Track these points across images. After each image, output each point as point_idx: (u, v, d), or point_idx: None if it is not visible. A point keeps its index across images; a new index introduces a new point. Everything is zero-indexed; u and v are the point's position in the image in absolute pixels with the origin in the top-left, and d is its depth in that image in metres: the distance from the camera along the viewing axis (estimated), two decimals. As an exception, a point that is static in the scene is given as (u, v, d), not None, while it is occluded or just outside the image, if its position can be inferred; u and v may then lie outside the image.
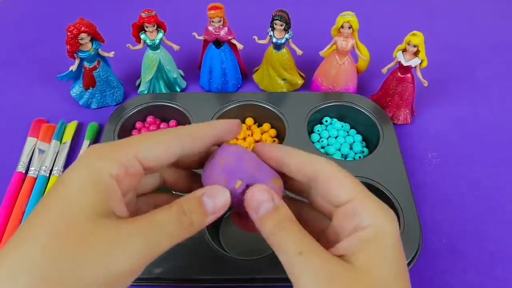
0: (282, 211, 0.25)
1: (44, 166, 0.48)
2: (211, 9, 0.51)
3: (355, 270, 0.22)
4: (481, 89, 0.60)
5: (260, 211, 0.24)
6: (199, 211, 0.24)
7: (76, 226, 0.20)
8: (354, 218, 0.24)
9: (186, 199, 0.24)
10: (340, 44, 0.52)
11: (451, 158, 0.51)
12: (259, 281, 0.38)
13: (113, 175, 0.22)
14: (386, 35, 0.64)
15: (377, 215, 0.24)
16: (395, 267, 0.23)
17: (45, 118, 0.54)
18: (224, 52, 0.55)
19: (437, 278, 0.41)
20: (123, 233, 0.21)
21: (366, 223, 0.23)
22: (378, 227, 0.23)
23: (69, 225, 0.20)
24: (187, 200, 0.24)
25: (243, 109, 0.53)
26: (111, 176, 0.22)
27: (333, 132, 0.52)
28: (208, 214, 0.24)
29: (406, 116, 0.54)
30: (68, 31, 0.48)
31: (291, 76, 0.57)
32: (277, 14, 0.50)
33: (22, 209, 0.45)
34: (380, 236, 0.23)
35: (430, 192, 0.48)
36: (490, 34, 0.69)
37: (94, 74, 0.53)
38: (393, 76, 0.52)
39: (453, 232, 0.44)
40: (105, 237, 0.21)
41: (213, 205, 0.24)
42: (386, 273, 0.22)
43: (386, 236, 0.23)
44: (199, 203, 0.24)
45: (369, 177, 0.44)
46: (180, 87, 0.58)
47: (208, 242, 0.39)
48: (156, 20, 0.51)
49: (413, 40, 0.48)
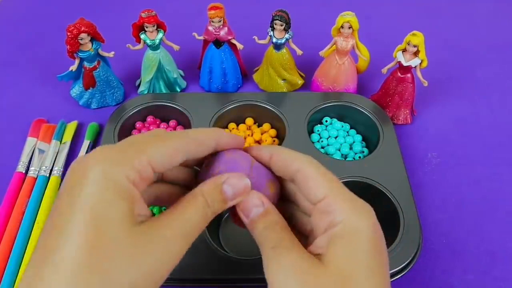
0: (271, 214, 0.25)
1: (44, 166, 0.48)
2: (211, 9, 0.51)
3: (322, 266, 0.23)
4: (481, 89, 0.60)
5: (250, 215, 0.25)
6: (220, 199, 0.25)
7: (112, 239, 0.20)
8: (328, 215, 0.24)
9: (208, 190, 0.25)
10: (340, 44, 0.52)
11: (451, 158, 0.51)
12: (259, 281, 0.37)
13: (131, 180, 0.22)
14: (386, 35, 0.64)
15: (349, 212, 0.24)
16: (366, 262, 0.23)
17: (45, 118, 0.54)
18: (224, 52, 0.55)
19: (437, 278, 0.41)
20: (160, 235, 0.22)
21: (338, 220, 0.24)
22: (349, 223, 0.23)
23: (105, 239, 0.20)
24: (210, 191, 0.25)
25: (243, 109, 0.53)
26: (129, 181, 0.22)
27: (333, 132, 0.52)
28: (227, 201, 0.25)
29: (406, 116, 0.54)
30: (68, 31, 0.48)
31: (291, 76, 0.57)
32: (277, 14, 0.50)
33: (22, 209, 0.45)
34: (350, 232, 0.23)
35: (430, 192, 0.48)
36: (490, 34, 0.69)
37: (94, 74, 0.53)
38: (393, 76, 0.52)
39: (453, 232, 0.44)
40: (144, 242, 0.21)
41: (233, 192, 0.25)
42: (355, 268, 0.22)
43: (356, 231, 0.23)
44: (220, 191, 0.25)
45: (369, 177, 0.44)
46: (180, 87, 0.58)
47: (208, 242, 0.39)
48: (156, 20, 0.51)
49: (413, 40, 0.48)
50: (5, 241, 0.42)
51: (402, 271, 0.39)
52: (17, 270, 0.41)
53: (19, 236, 0.43)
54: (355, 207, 0.24)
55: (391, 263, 0.38)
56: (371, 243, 0.23)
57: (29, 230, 0.43)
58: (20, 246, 0.42)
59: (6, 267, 0.41)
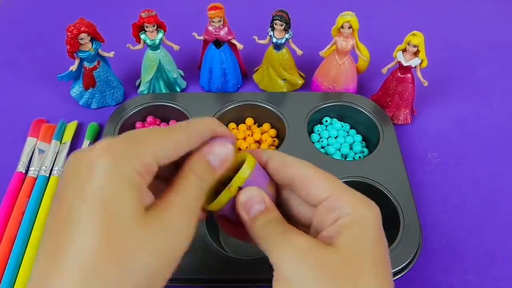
0: (272, 211, 0.25)
1: (44, 166, 0.48)
2: (211, 9, 0.51)
3: (334, 248, 0.23)
4: (481, 89, 0.60)
5: (252, 211, 0.25)
6: (209, 171, 0.25)
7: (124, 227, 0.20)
8: (333, 212, 0.24)
9: (196, 165, 0.25)
10: (340, 44, 0.52)
11: (451, 158, 0.51)
12: (259, 281, 0.38)
13: (138, 173, 0.22)
14: (386, 35, 0.64)
15: (356, 204, 0.24)
16: (373, 249, 0.23)
17: (45, 118, 0.54)
18: (224, 52, 0.55)
19: (437, 278, 0.41)
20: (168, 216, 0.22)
21: (346, 212, 0.24)
22: (357, 214, 0.24)
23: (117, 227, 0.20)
24: (197, 165, 0.25)
25: (243, 109, 0.53)
26: (136, 173, 0.22)
27: (333, 132, 0.52)
28: (216, 171, 0.26)
29: (406, 116, 0.54)
30: (68, 31, 0.48)
31: (291, 76, 0.57)
32: (277, 14, 0.50)
33: (22, 209, 0.45)
34: (359, 221, 0.24)
35: (430, 192, 0.48)
36: (490, 34, 0.69)
37: (94, 74, 0.53)
38: (393, 76, 0.52)
39: (453, 232, 0.44)
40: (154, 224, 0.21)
41: (219, 160, 0.26)
42: (364, 253, 0.23)
43: (364, 220, 0.24)
44: (207, 163, 0.25)
45: (369, 177, 0.44)
46: (180, 87, 0.58)
47: (208, 242, 0.39)
48: (156, 20, 0.51)
49: (413, 40, 0.48)
50: (5, 241, 0.42)
51: (402, 271, 0.39)
52: (17, 270, 0.40)
53: (19, 236, 0.43)
54: (360, 199, 0.25)
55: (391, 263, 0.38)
56: (377, 232, 0.24)
57: (29, 230, 0.43)
58: (20, 246, 0.42)
59: (6, 267, 0.41)
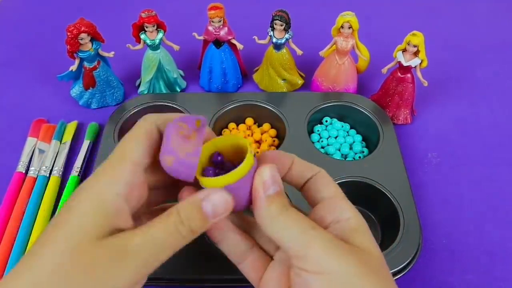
0: (284, 196, 0.25)
1: (44, 166, 0.48)
2: (211, 9, 0.51)
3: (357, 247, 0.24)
4: (481, 89, 0.60)
5: (269, 190, 0.25)
6: (198, 217, 0.23)
7: (80, 251, 0.21)
8: (334, 211, 0.26)
9: (183, 207, 0.23)
10: (340, 44, 0.52)
11: (451, 158, 0.51)
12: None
13: (121, 194, 0.23)
14: (386, 35, 0.64)
15: (354, 212, 0.26)
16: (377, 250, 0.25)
17: (45, 118, 0.54)
18: (224, 52, 0.55)
19: (437, 278, 0.41)
20: (123, 251, 0.22)
21: (346, 216, 0.25)
22: (358, 220, 0.26)
23: (73, 251, 0.21)
24: (185, 208, 0.23)
25: (243, 109, 0.53)
26: (118, 195, 0.23)
27: (333, 132, 0.52)
28: (208, 219, 0.24)
29: (406, 116, 0.54)
30: (68, 31, 0.48)
31: (291, 76, 0.57)
32: (277, 14, 0.50)
33: (22, 209, 0.45)
34: (362, 227, 0.26)
35: (430, 192, 0.48)
36: (490, 34, 0.69)
37: (94, 74, 0.53)
38: (393, 76, 0.52)
39: (453, 232, 0.44)
40: (105, 258, 0.21)
41: (213, 209, 0.23)
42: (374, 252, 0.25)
43: (365, 226, 0.26)
44: (198, 209, 0.23)
45: (369, 177, 0.44)
46: (180, 87, 0.58)
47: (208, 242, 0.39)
48: (156, 20, 0.51)
49: (413, 40, 0.48)
50: (5, 241, 0.42)
51: (402, 271, 0.39)
52: (17, 270, 0.40)
53: (19, 236, 0.43)
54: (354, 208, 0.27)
55: (391, 263, 0.38)
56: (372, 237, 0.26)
57: (29, 230, 0.43)
58: (20, 246, 0.42)
59: (7, 267, 0.41)
